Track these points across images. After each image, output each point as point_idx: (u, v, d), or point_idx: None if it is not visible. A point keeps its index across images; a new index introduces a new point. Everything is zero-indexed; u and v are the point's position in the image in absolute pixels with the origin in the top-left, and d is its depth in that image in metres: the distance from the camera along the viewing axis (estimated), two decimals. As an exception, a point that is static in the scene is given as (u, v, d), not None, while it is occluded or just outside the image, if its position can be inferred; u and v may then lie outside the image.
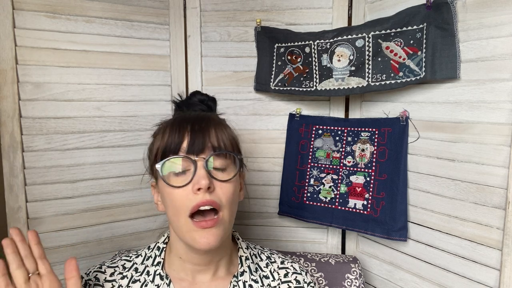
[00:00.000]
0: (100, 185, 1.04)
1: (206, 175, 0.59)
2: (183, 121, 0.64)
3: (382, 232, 0.96)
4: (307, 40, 1.03)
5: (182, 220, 0.61)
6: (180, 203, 0.60)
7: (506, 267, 0.74)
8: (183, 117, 0.65)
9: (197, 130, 0.62)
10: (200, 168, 0.60)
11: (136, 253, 0.72)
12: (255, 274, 0.70)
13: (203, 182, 0.58)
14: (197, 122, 0.63)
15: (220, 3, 1.10)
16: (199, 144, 0.61)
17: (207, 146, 0.61)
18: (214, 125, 0.64)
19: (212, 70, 1.12)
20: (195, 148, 0.61)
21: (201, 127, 0.62)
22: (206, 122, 0.64)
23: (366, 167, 1.01)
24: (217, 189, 0.61)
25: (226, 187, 0.62)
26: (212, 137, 0.62)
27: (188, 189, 0.60)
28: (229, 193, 0.62)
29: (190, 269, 0.67)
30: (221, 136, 0.63)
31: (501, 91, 0.76)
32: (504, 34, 0.75)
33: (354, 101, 1.08)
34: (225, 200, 0.61)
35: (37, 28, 0.94)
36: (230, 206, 0.63)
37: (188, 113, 0.68)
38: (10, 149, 0.93)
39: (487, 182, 0.78)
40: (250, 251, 0.74)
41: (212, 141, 0.62)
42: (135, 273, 0.68)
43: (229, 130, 0.67)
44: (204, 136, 0.61)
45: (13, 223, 0.94)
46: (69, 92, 0.98)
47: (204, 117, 0.65)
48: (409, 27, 0.89)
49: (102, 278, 0.67)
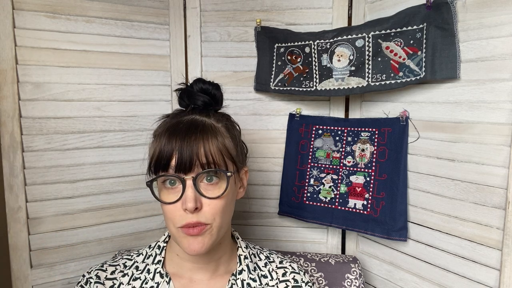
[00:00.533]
0: (100, 185, 1.04)
1: (193, 197, 0.59)
2: (175, 131, 0.62)
3: (382, 232, 0.96)
4: (307, 40, 1.03)
5: (172, 228, 0.63)
6: (170, 216, 0.62)
7: (506, 267, 0.74)
8: (175, 125, 0.63)
9: (185, 146, 0.60)
10: (188, 188, 0.60)
11: (137, 252, 0.74)
12: (253, 273, 0.71)
13: (189, 205, 0.59)
14: (187, 135, 0.61)
15: (220, 3, 1.10)
16: (186, 162, 0.60)
17: (195, 164, 0.60)
18: (203, 138, 0.62)
19: (212, 70, 1.12)
20: (182, 166, 0.60)
21: (190, 142, 0.60)
22: (195, 136, 0.61)
23: (366, 167, 1.01)
24: (204, 207, 0.61)
25: (215, 203, 0.62)
26: (201, 154, 0.61)
27: (178, 205, 0.61)
28: (217, 208, 0.62)
29: (189, 267, 0.69)
30: (210, 150, 0.61)
31: (501, 91, 0.76)
32: (504, 34, 0.75)
33: (354, 101, 1.08)
34: (212, 215, 0.62)
35: (37, 28, 0.94)
36: (221, 217, 0.63)
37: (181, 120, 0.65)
38: (10, 149, 0.93)
39: (487, 182, 0.78)
40: (249, 251, 0.74)
41: (200, 158, 0.60)
42: (135, 271, 0.69)
43: (221, 137, 0.64)
44: (192, 152, 0.60)
45: (13, 223, 0.94)
46: (69, 92, 0.98)
47: (195, 128, 0.63)
48: (409, 27, 0.89)
49: (103, 276, 0.68)
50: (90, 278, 0.68)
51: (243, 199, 0.75)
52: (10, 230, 0.94)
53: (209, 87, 0.71)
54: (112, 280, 0.68)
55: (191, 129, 0.63)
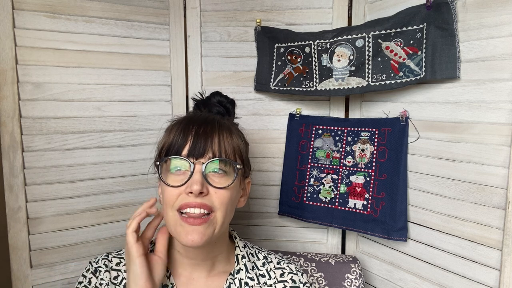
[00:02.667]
0: (100, 185, 1.04)
1: (200, 181, 0.60)
2: (190, 122, 0.65)
3: (382, 232, 0.96)
4: (307, 40, 1.03)
5: (170, 213, 0.63)
6: (171, 198, 0.63)
7: (506, 267, 0.74)
8: (191, 118, 0.67)
9: (200, 134, 0.63)
10: (197, 173, 0.61)
11: None
12: (251, 272, 0.71)
13: (195, 187, 0.59)
14: (203, 125, 0.64)
15: (220, 3, 1.10)
16: (200, 148, 0.62)
17: (207, 151, 0.62)
18: (219, 131, 0.64)
19: (212, 70, 1.12)
20: (195, 151, 0.62)
21: (205, 132, 0.63)
22: (211, 127, 0.64)
23: (366, 167, 1.01)
24: (211, 193, 0.62)
25: (221, 193, 0.63)
26: (214, 143, 0.63)
27: (181, 189, 0.62)
28: (224, 198, 0.63)
29: (188, 264, 0.70)
30: (224, 142, 0.64)
31: (501, 91, 0.76)
32: (504, 34, 0.75)
33: (354, 101, 1.08)
34: (219, 203, 0.62)
35: (37, 28, 0.94)
36: (225, 209, 0.63)
37: (198, 114, 0.68)
38: (10, 149, 0.93)
39: (487, 182, 0.78)
40: (247, 250, 0.75)
41: (213, 147, 0.63)
42: None
43: (235, 137, 0.67)
44: (206, 140, 0.62)
45: (13, 223, 0.94)
46: (69, 92, 0.98)
47: (211, 121, 0.66)
48: (409, 27, 0.89)
49: (109, 265, 0.70)
50: (99, 267, 0.70)
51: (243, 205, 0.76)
52: (10, 230, 0.94)
53: (225, 100, 0.76)
54: (117, 271, 0.70)
55: (208, 121, 0.65)
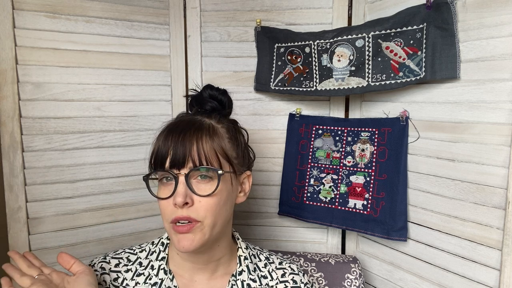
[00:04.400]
0: (100, 185, 1.04)
1: (183, 193, 0.61)
2: (171, 130, 0.65)
3: (382, 232, 0.96)
4: (307, 40, 1.03)
5: (166, 224, 0.65)
6: (165, 211, 0.64)
7: (506, 267, 0.74)
8: (174, 125, 0.66)
9: (179, 142, 0.62)
10: (180, 184, 0.62)
11: (140, 247, 0.74)
12: (253, 274, 0.71)
13: (178, 200, 0.60)
14: (182, 133, 0.63)
15: (220, 3, 1.10)
16: (179, 158, 0.62)
17: (187, 160, 0.62)
18: (197, 136, 0.63)
19: (212, 70, 1.12)
20: (176, 162, 0.62)
21: (183, 140, 0.63)
22: (189, 133, 0.63)
23: (366, 167, 1.01)
24: (195, 203, 0.62)
25: (206, 201, 0.62)
26: (193, 150, 0.62)
27: (170, 201, 0.62)
28: (209, 205, 0.62)
29: (189, 267, 0.69)
30: (202, 147, 0.63)
31: (501, 91, 0.76)
32: (504, 34, 0.75)
33: (354, 101, 1.08)
34: (204, 211, 0.62)
35: (37, 28, 0.94)
36: (213, 214, 0.63)
37: (182, 119, 0.68)
38: (10, 149, 0.93)
39: (487, 182, 0.78)
40: (249, 251, 0.75)
41: (192, 155, 0.62)
42: (139, 266, 0.70)
43: (218, 138, 0.66)
44: (185, 149, 0.62)
45: (13, 223, 0.93)
46: (69, 92, 0.98)
47: (191, 126, 0.65)
48: (409, 27, 0.89)
49: (107, 268, 0.69)
50: (95, 271, 0.69)
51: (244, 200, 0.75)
52: (10, 230, 0.94)
53: (216, 93, 0.74)
54: (116, 272, 0.69)
55: (187, 127, 0.65)
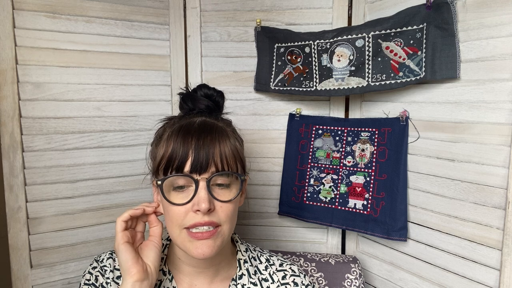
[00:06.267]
0: (100, 185, 1.04)
1: (207, 198, 0.58)
2: (188, 132, 0.61)
3: (382, 232, 0.96)
4: (307, 40, 1.02)
5: (176, 231, 0.62)
6: (177, 218, 0.61)
7: (506, 267, 0.74)
8: (188, 127, 0.63)
9: (201, 146, 0.60)
10: (202, 189, 0.59)
11: None
12: (253, 277, 0.70)
13: (203, 206, 0.58)
14: (202, 135, 0.61)
15: (220, 3, 1.10)
16: (202, 162, 0.59)
17: (210, 165, 0.60)
18: (219, 139, 0.62)
19: (212, 70, 1.12)
20: (198, 167, 0.59)
21: (206, 143, 0.60)
22: (211, 136, 0.61)
23: (366, 167, 1.01)
24: (217, 208, 0.61)
25: (227, 206, 0.61)
26: (216, 155, 0.60)
27: (188, 207, 0.60)
28: (229, 211, 0.62)
29: (189, 271, 0.68)
30: (225, 152, 0.61)
31: (501, 91, 0.76)
32: (504, 34, 0.75)
33: (354, 101, 1.08)
34: (225, 217, 0.61)
35: (37, 28, 0.94)
36: (231, 220, 0.63)
37: (193, 121, 0.64)
38: (10, 149, 0.93)
39: (487, 182, 0.78)
40: (249, 254, 0.74)
41: (216, 160, 0.60)
42: None
43: (233, 140, 0.65)
44: (208, 154, 0.60)
45: (13, 223, 0.93)
46: (69, 92, 0.98)
47: (210, 129, 0.63)
48: (409, 27, 0.89)
49: (113, 265, 0.69)
50: (104, 266, 0.68)
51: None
52: (10, 230, 0.94)
53: (214, 93, 0.71)
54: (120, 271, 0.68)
55: (206, 129, 0.62)
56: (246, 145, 0.79)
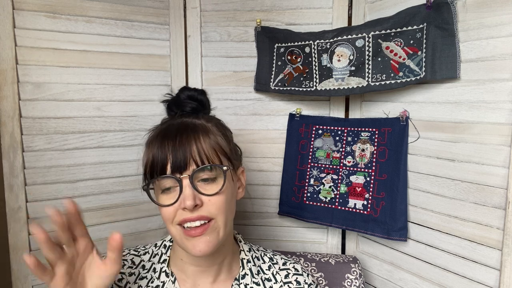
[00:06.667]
0: (100, 185, 1.04)
1: (191, 195, 0.60)
2: (166, 135, 0.63)
3: (382, 232, 0.96)
4: (307, 40, 1.02)
5: (172, 228, 0.63)
6: (169, 216, 0.62)
7: (506, 267, 0.74)
8: (166, 130, 0.65)
9: (178, 145, 0.61)
10: (185, 187, 0.60)
11: (144, 249, 0.74)
12: (256, 277, 0.70)
13: (188, 203, 0.59)
14: (178, 135, 0.62)
15: (220, 3, 1.10)
16: (181, 161, 0.61)
17: (189, 162, 0.61)
18: (194, 136, 0.63)
19: (212, 70, 1.12)
20: (177, 166, 0.61)
21: (182, 142, 0.62)
22: (186, 135, 0.63)
23: (366, 167, 1.01)
24: (205, 203, 0.61)
25: (215, 199, 0.62)
26: (194, 152, 0.61)
27: (176, 206, 0.61)
28: (220, 203, 0.62)
29: (192, 271, 0.69)
30: (202, 147, 0.62)
31: (501, 91, 0.76)
32: (504, 34, 0.75)
33: (354, 101, 1.08)
34: (216, 210, 0.62)
35: (37, 28, 0.94)
36: (224, 212, 0.63)
37: (172, 123, 0.66)
38: (10, 149, 0.93)
39: (487, 182, 0.78)
40: (252, 254, 0.74)
41: (194, 156, 0.61)
42: (142, 270, 0.70)
43: (213, 135, 0.65)
44: (185, 151, 0.61)
45: (13, 223, 0.93)
46: (69, 92, 0.98)
47: (185, 128, 0.64)
48: (409, 27, 0.89)
49: None
50: None
51: (243, 199, 0.75)
52: (10, 230, 0.94)
53: (195, 93, 0.72)
54: (122, 274, 0.69)
55: (182, 130, 0.64)
56: (246, 145, 0.78)
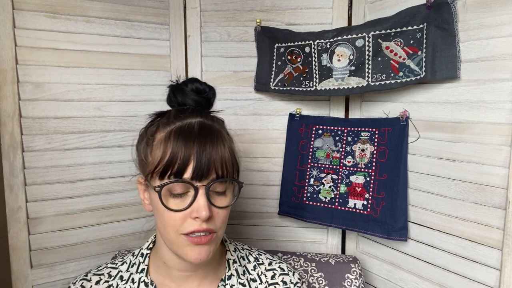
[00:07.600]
0: (100, 185, 1.04)
1: (206, 205, 0.57)
2: (189, 135, 0.58)
3: (382, 232, 0.96)
4: (307, 40, 1.02)
5: (172, 235, 0.60)
6: (174, 224, 0.59)
7: (506, 267, 0.74)
8: (188, 129, 0.59)
9: (203, 152, 0.57)
10: (201, 196, 0.57)
11: (121, 260, 0.72)
12: (242, 278, 0.69)
13: (204, 214, 0.56)
14: (203, 140, 0.58)
15: (220, 3, 1.10)
16: (204, 170, 0.57)
17: (211, 172, 0.58)
18: (218, 144, 0.59)
19: (212, 70, 1.12)
20: (199, 172, 0.57)
21: (208, 149, 0.58)
22: (211, 141, 0.59)
23: (366, 167, 1.01)
24: (214, 215, 0.60)
25: (222, 212, 0.61)
26: (217, 161, 0.58)
27: (185, 213, 0.58)
28: (224, 216, 0.62)
29: (176, 276, 0.66)
30: (225, 158, 0.59)
31: (501, 91, 0.76)
32: (504, 34, 0.75)
33: (354, 101, 1.08)
34: (220, 223, 0.61)
35: (37, 28, 0.94)
36: (224, 226, 0.63)
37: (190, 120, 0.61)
38: (10, 149, 0.93)
39: (487, 182, 0.78)
40: (238, 254, 0.73)
41: (216, 167, 0.58)
42: (120, 281, 0.67)
43: (229, 142, 0.63)
44: (210, 160, 0.57)
45: (13, 223, 0.94)
46: (69, 92, 0.98)
47: (210, 132, 0.60)
48: (409, 27, 0.89)
49: (88, 286, 0.67)
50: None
51: (243, 199, 0.75)
52: (10, 230, 0.94)
53: (206, 89, 0.66)
54: None
55: (206, 133, 0.59)
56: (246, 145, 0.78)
